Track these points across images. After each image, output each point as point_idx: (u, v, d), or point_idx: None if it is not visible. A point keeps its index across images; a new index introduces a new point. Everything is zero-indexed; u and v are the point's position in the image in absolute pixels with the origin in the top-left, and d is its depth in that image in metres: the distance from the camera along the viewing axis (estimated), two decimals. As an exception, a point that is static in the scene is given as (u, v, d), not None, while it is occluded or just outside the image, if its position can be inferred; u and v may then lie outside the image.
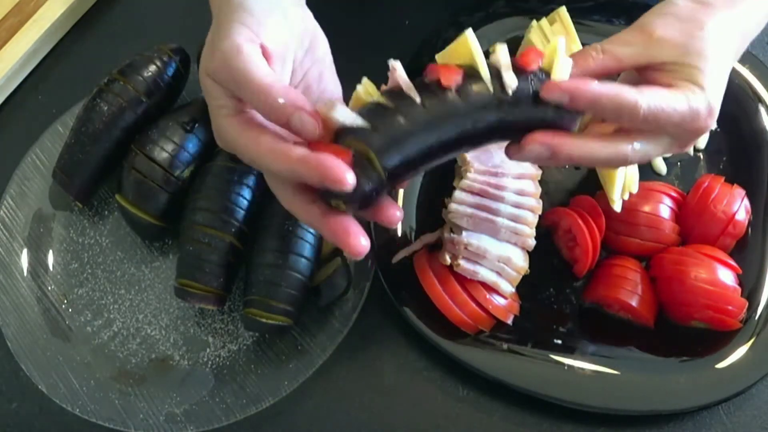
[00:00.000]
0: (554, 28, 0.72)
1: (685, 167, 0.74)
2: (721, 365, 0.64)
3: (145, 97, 0.69)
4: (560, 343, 0.66)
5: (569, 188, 0.73)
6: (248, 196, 0.66)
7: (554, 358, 0.65)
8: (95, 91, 0.69)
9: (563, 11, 0.72)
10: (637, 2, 0.77)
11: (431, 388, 0.67)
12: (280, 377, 0.65)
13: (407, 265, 0.68)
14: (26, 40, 0.79)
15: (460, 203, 0.66)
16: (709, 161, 0.74)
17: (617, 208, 0.68)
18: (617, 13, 0.77)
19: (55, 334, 0.68)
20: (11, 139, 0.77)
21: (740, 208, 0.68)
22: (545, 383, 0.64)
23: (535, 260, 0.70)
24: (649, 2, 0.59)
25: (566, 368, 0.65)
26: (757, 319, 0.66)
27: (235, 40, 0.50)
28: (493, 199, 0.67)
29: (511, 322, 0.66)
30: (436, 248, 0.68)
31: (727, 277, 0.65)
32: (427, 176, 0.72)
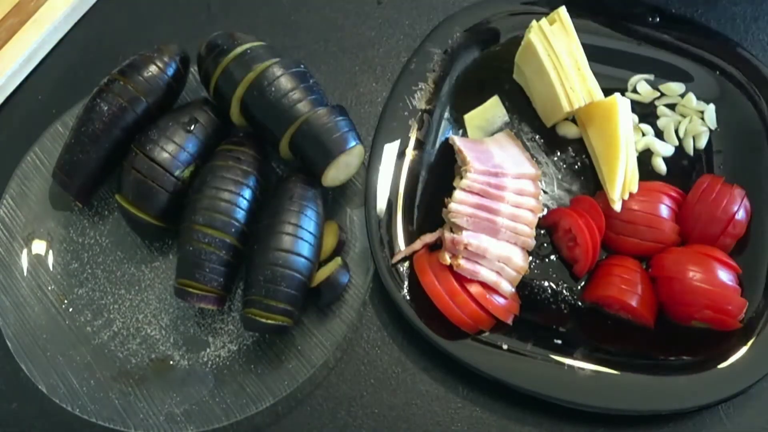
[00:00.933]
0: (554, 28, 0.72)
1: (685, 167, 0.74)
2: (721, 365, 0.64)
3: (145, 97, 0.69)
4: (560, 343, 0.66)
5: (569, 188, 0.73)
6: (248, 196, 0.66)
7: (554, 358, 0.65)
8: (95, 91, 0.69)
9: (563, 11, 0.72)
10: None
11: (431, 388, 0.67)
12: (280, 377, 0.65)
13: (407, 265, 0.68)
14: (26, 40, 0.79)
15: (460, 203, 0.66)
16: (709, 161, 0.74)
17: (617, 208, 0.68)
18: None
19: (55, 334, 0.68)
20: (11, 139, 0.77)
21: (740, 208, 0.68)
22: (545, 383, 0.64)
23: (535, 260, 0.70)
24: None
25: (566, 368, 0.65)
26: (757, 319, 0.66)
27: None
28: (493, 199, 0.67)
29: (511, 322, 0.66)
30: (436, 248, 0.68)
31: (727, 277, 0.65)
32: (427, 176, 0.72)
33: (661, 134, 0.76)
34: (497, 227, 0.66)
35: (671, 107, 0.76)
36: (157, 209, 0.68)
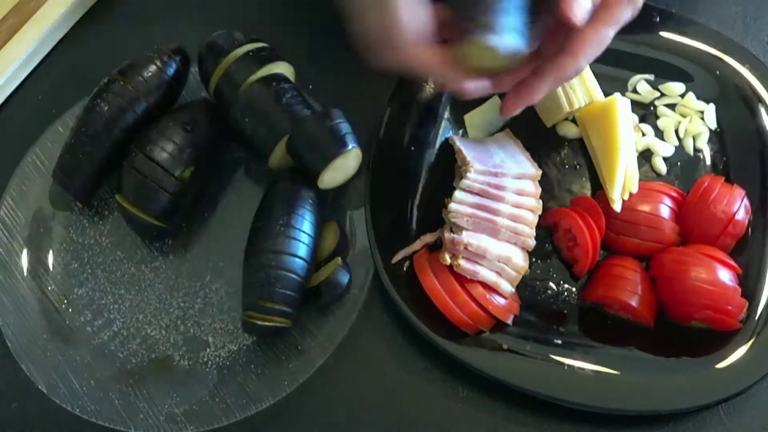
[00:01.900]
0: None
1: (685, 167, 0.74)
2: (721, 365, 0.64)
3: (145, 97, 0.69)
4: (560, 343, 0.66)
5: (569, 188, 0.73)
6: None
7: (554, 358, 0.65)
8: (95, 91, 0.69)
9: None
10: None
11: (431, 388, 0.67)
12: (280, 377, 0.65)
13: (407, 265, 0.68)
14: (26, 40, 0.79)
15: (460, 203, 0.66)
16: (709, 161, 0.74)
17: (617, 208, 0.68)
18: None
19: (55, 334, 0.68)
20: (11, 139, 0.77)
21: (740, 208, 0.68)
22: (545, 383, 0.64)
23: (535, 260, 0.70)
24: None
25: (566, 368, 0.65)
26: (757, 319, 0.66)
27: None
28: (493, 199, 0.67)
29: (511, 322, 0.66)
30: (436, 248, 0.68)
31: (727, 277, 0.65)
32: (427, 176, 0.72)
33: (661, 134, 0.76)
34: (497, 227, 0.66)
35: (671, 107, 0.76)
36: (157, 209, 0.68)
